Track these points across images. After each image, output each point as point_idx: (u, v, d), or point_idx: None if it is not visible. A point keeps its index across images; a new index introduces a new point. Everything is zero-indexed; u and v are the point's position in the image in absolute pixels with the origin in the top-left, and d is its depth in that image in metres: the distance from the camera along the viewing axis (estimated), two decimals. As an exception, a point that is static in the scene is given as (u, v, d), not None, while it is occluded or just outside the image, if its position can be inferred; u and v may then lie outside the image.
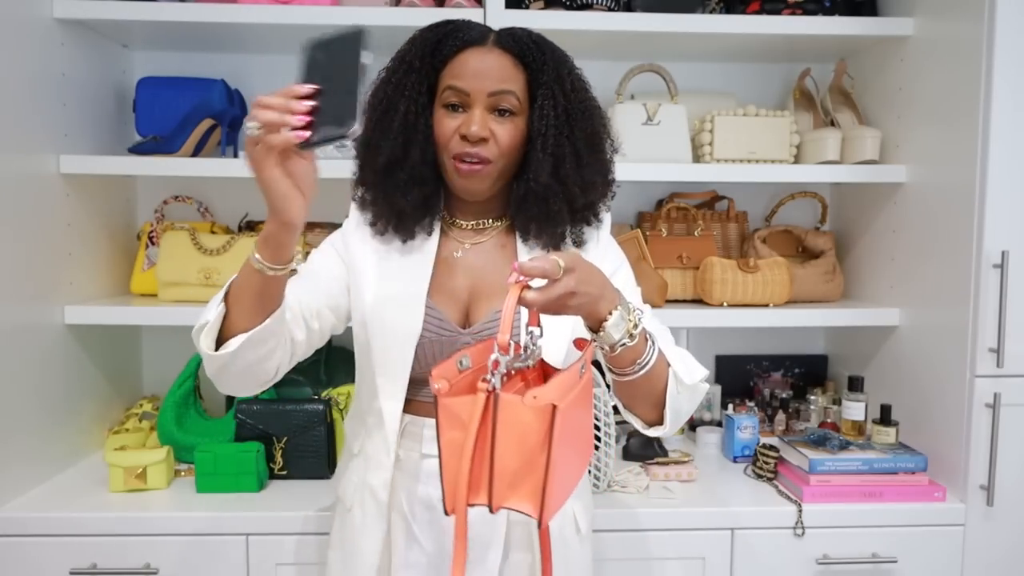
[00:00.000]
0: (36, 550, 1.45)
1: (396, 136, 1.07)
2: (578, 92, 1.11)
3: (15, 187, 1.52)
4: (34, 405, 1.58)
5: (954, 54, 1.58)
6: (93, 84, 1.79)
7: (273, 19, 1.64)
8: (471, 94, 1.06)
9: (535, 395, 0.81)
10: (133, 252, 1.94)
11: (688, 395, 1.04)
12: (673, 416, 1.04)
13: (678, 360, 1.04)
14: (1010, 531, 1.56)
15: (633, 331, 0.94)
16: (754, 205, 2.06)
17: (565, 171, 1.08)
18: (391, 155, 1.08)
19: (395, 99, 1.08)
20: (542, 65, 1.08)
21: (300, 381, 1.81)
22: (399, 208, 1.10)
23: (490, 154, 1.07)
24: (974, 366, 1.53)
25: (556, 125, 1.07)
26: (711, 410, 2.04)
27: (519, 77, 1.08)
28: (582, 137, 1.10)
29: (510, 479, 0.82)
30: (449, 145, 1.07)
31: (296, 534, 1.47)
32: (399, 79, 1.08)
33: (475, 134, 1.05)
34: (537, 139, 1.07)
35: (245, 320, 0.99)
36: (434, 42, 1.08)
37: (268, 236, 0.94)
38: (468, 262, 1.15)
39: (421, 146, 1.08)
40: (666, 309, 1.76)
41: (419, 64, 1.08)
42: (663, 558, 1.52)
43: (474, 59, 1.06)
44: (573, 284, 0.88)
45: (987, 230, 1.50)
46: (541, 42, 1.10)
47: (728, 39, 1.79)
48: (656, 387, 1.01)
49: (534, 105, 1.08)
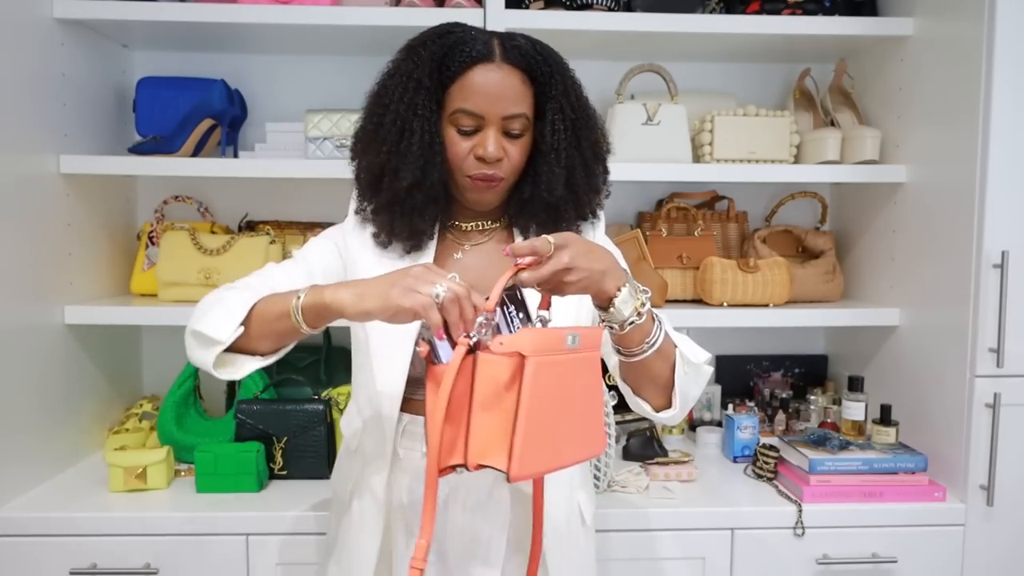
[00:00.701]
0: (36, 550, 1.45)
1: (416, 160, 1.06)
2: (582, 100, 1.12)
3: (15, 187, 1.52)
4: (34, 405, 1.58)
5: (954, 54, 1.58)
6: (93, 84, 1.79)
7: (273, 19, 1.64)
8: (486, 116, 1.06)
9: (502, 342, 0.85)
10: (133, 252, 1.94)
11: (695, 376, 1.07)
12: (682, 398, 1.06)
13: (682, 342, 1.08)
14: (1010, 531, 1.56)
15: (641, 309, 0.97)
16: (754, 205, 2.06)
17: (576, 181, 1.11)
18: (413, 180, 1.07)
19: (409, 120, 1.06)
20: (550, 79, 1.08)
21: (300, 381, 1.81)
22: (418, 228, 1.11)
23: (503, 172, 1.08)
24: (974, 366, 1.53)
25: (567, 139, 1.09)
26: (711, 410, 2.04)
27: (528, 93, 1.08)
28: (588, 147, 1.12)
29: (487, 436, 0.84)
30: (463, 165, 1.08)
31: (296, 534, 1.47)
32: (410, 98, 1.06)
33: (493, 156, 1.06)
34: (550, 153, 1.09)
35: (258, 343, 1.01)
36: (440, 56, 1.06)
37: (327, 309, 0.95)
38: (468, 263, 1.15)
39: (439, 168, 1.08)
40: (666, 309, 1.76)
41: (428, 82, 1.06)
42: (663, 558, 1.52)
43: (484, 79, 1.05)
44: (567, 260, 0.90)
45: (987, 230, 1.50)
46: (546, 53, 1.09)
47: (728, 39, 1.79)
48: (664, 367, 1.04)
49: (543, 118, 1.09)
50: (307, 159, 1.76)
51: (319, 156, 1.76)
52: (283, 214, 1.98)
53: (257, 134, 1.93)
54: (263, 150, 1.82)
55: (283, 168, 1.70)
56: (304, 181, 1.83)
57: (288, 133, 1.81)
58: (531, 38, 1.10)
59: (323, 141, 1.75)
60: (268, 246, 1.76)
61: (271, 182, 1.94)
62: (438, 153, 1.07)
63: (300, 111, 1.84)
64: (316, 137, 1.75)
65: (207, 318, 1.00)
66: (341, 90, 1.96)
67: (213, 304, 1.03)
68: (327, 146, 1.75)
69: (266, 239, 1.77)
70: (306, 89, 1.98)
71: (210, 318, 1.00)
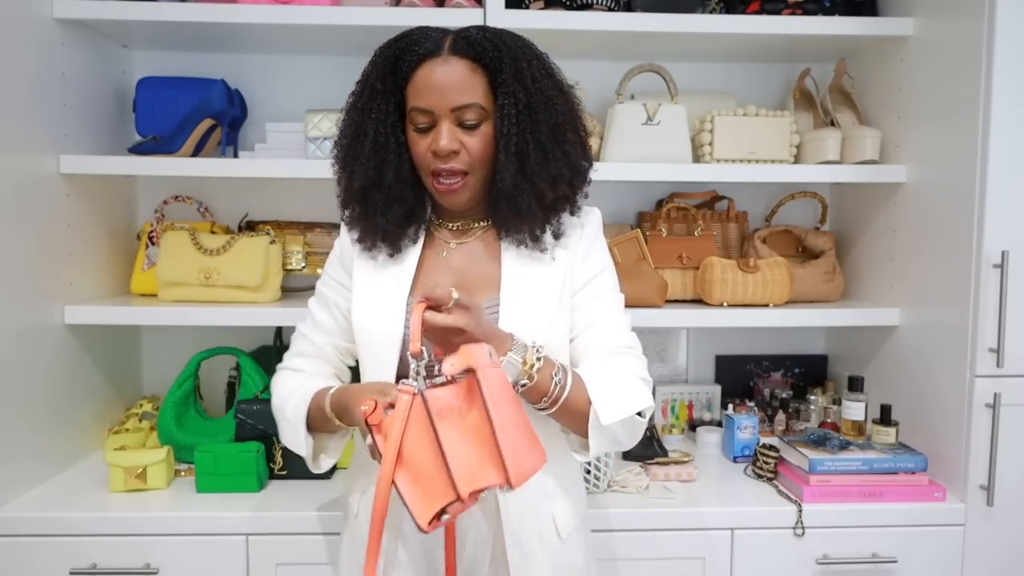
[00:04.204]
0: (36, 550, 1.45)
1: (368, 160, 1.09)
2: (539, 82, 1.08)
3: (15, 187, 1.52)
4: (34, 405, 1.58)
5: (954, 54, 1.58)
6: (93, 84, 1.79)
7: (273, 19, 1.64)
8: (435, 111, 1.06)
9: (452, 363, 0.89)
10: (133, 252, 1.94)
11: (620, 425, 1.05)
12: (604, 443, 1.06)
13: (607, 395, 1.05)
14: (1010, 531, 1.56)
15: (532, 372, 1.00)
16: (754, 205, 2.06)
17: (530, 167, 1.07)
18: (365, 179, 1.10)
19: (363, 123, 1.10)
20: (500, 64, 1.06)
21: (300, 381, 1.81)
22: (382, 227, 1.13)
23: (464, 165, 1.08)
24: (974, 366, 1.53)
25: (518, 123, 1.07)
26: (711, 410, 2.04)
27: (479, 82, 1.07)
28: (546, 130, 1.08)
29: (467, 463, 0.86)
30: (426, 164, 1.09)
31: (296, 534, 1.47)
32: (364, 103, 1.10)
33: (444, 148, 1.06)
34: (500, 140, 1.07)
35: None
36: (392, 60, 1.08)
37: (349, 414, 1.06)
38: (453, 261, 1.16)
39: (395, 166, 1.10)
40: (666, 309, 1.76)
41: (381, 86, 1.09)
42: (663, 558, 1.52)
43: (432, 74, 1.06)
44: (463, 322, 0.95)
45: (987, 230, 1.50)
46: (497, 39, 1.07)
47: (728, 39, 1.79)
48: (577, 416, 1.05)
49: (496, 106, 1.08)
50: (307, 159, 1.76)
51: (319, 156, 1.76)
52: (283, 214, 1.98)
53: (257, 134, 1.93)
54: (263, 150, 1.82)
55: (283, 168, 1.70)
56: (304, 181, 1.83)
57: (288, 133, 1.81)
58: (489, 28, 1.10)
59: (323, 141, 1.75)
60: (268, 246, 1.76)
61: (271, 182, 1.94)
62: (392, 152, 1.09)
63: (300, 111, 1.84)
64: (316, 137, 1.75)
65: (284, 434, 1.16)
66: (341, 90, 1.91)
67: (281, 413, 1.16)
68: (327, 146, 1.75)
69: (266, 239, 1.77)
70: (306, 89, 1.98)
71: (286, 435, 1.15)
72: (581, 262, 1.14)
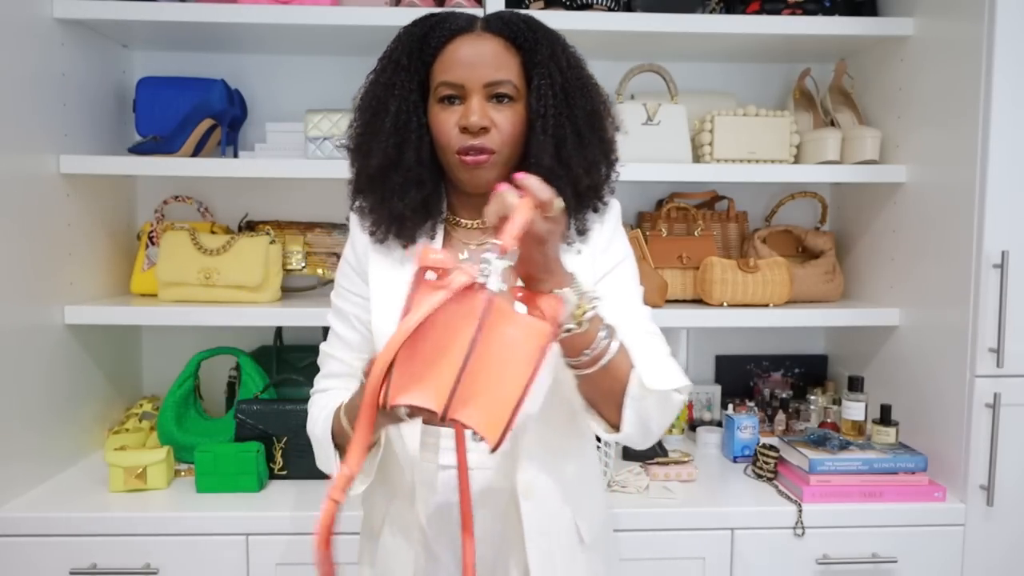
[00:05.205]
0: (36, 550, 1.45)
1: (388, 137, 1.04)
2: (575, 69, 1.06)
3: (15, 187, 1.52)
4: (34, 405, 1.58)
5: (954, 54, 1.58)
6: (93, 84, 1.79)
7: (273, 19, 1.64)
8: (466, 85, 1.01)
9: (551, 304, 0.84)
10: (133, 252, 1.94)
11: (656, 401, 0.97)
12: (636, 420, 0.97)
13: (651, 364, 0.98)
14: (1010, 531, 1.56)
15: (583, 318, 0.91)
16: (754, 205, 2.06)
17: (567, 152, 1.04)
18: (384, 157, 1.04)
19: (385, 99, 1.04)
20: (535, 45, 1.03)
21: (300, 381, 1.81)
22: (397, 212, 1.07)
23: (493, 144, 1.02)
24: (974, 366, 1.53)
25: (555, 105, 1.03)
26: (711, 410, 2.05)
27: (513, 61, 1.04)
28: (582, 115, 1.05)
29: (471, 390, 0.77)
30: (451, 141, 1.03)
31: (296, 534, 1.47)
32: (388, 78, 1.04)
33: (475, 124, 1.00)
34: (537, 121, 1.03)
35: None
36: (420, 36, 1.04)
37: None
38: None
39: (415, 146, 1.05)
40: (666, 309, 1.76)
41: (407, 61, 1.04)
42: (663, 558, 1.52)
43: (464, 48, 1.02)
44: (559, 230, 0.87)
45: (987, 230, 1.50)
46: (531, 22, 1.05)
47: (728, 39, 1.79)
48: (614, 384, 0.96)
49: (531, 87, 1.04)
50: (307, 159, 1.76)
51: (319, 156, 1.76)
52: (283, 214, 1.98)
53: (257, 134, 1.93)
54: (263, 150, 1.82)
55: (283, 168, 1.70)
56: (304, 181, 1.83)
57: (288, 133, 1.81)
58: (521, 12, 1.07)
59: (323, 141, 1.75)
60: (268, 246, 1.76)
61: (271, 182, 1.94)
62: (414, 131, 1.04)
63: (300, 111, 1.84)
64: (316, 137, 1.75)
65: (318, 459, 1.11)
66: (341, 90, 1.94)
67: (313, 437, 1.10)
68: (327, 146, 1.75)
69: (266, 239, 1.77)
70: (306, 89, 1.98)
71: (319, 458, 1.10)
72: (603, 252, 1.11)
